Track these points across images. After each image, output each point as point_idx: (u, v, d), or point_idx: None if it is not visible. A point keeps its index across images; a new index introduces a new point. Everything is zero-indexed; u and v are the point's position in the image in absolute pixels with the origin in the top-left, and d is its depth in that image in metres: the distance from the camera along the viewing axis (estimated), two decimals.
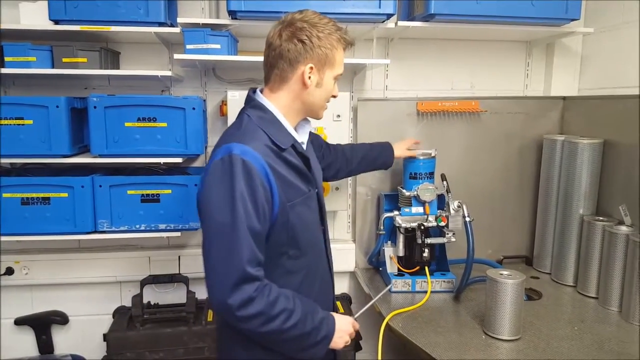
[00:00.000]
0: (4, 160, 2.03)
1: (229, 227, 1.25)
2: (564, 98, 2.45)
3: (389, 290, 2.09)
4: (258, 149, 1.32)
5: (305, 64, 1.39)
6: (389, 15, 2.07)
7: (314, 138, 1.91)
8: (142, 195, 2.08)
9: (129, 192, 2.07)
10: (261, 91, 1.49)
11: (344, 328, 1.47)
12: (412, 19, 2.20)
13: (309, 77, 1.40)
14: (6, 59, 1.97)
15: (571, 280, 2.18)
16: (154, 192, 2.08)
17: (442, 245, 2.22)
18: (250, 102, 1.47)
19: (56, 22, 1.98)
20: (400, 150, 2.15)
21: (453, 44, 2.52)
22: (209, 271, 1.28)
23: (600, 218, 2.06)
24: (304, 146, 1.53)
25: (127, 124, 2.01)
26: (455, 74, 2.55)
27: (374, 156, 2.08)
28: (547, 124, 2.45)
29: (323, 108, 1.51)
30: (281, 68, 1.41)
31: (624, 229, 1.91)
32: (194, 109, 2.03)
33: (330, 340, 1.42)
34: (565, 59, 2.53)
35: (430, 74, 2.53)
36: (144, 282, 2.23)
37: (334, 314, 1.49)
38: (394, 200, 2.30)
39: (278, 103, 1.45)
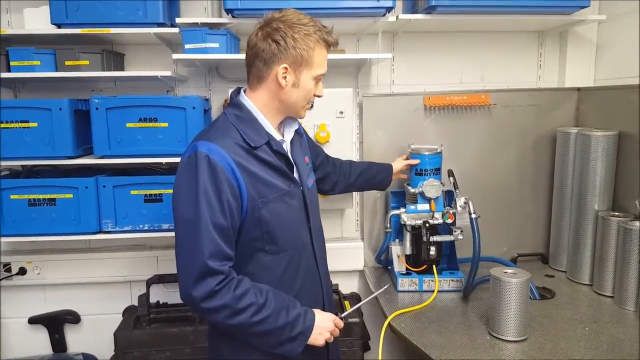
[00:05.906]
0: (11, 163, 2.08)
1: (193, 222, 1.29)
2: (579, 89, 2.36)
3: (384, 291, 1.90)
4: (226, 146, 1.34)
5: (279, 65, 1.39)
6: (389, 9, 2.02)
7: (312, 146, 1.88)
8: (145, 195, 2.09)
9: (132, 192, 2.08)
10: (245, 90, 1.50)
11: (323, 325, 1.45)
12: (416, 12, 2.15)
13: (284, 78, 1.40)
14: (11, 63, 2.02)
15: (587, 279, 2.09)
16: (157, 192, 2.09)
17: (452, 243, 2.17)
18: (231, 100, 1.50)
19: (58, 26, 2.01)
20: (398, 163, 2.11)
21: (461, 36, 2.45)
22: (177, 264, 1.33)
23: (616, 213, 1.97)
24: (287, 144, 1.52)
25: (128, 125, 2.03)
26: (464, 67, 2.48)
27: (372, 174, 2.05)
28: (561, 116, 2.36)
29: (304, 108, 1.50)
30: (257, 67, 1.42)
31: (639, 224, 1.82)
32: (194, 108, 2.03)
33: (308, 336, 1.41)
34: (580, 49, 2.42)
35: (438, 68, 2.47)
36: (149, 282, 2.24)
37: (316, 310, 1.47)
38: (401, 198, 2.25)
39: (257, 101, 1.46)
